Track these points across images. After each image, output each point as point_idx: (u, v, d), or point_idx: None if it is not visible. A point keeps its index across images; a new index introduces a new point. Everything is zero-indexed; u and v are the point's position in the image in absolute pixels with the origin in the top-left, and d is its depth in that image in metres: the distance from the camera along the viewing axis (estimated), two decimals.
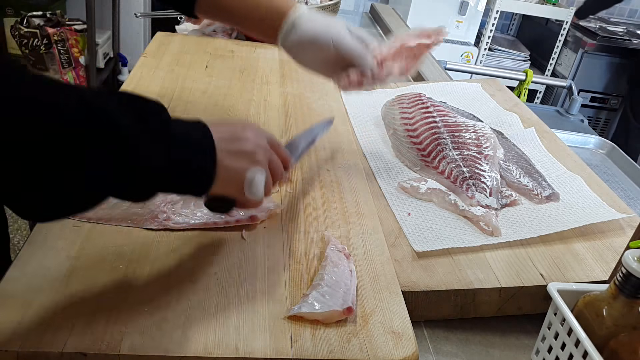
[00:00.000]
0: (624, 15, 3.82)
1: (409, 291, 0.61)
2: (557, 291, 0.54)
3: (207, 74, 1.06)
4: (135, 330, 0.49)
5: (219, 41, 1.28)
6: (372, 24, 1.96)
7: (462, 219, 0.74)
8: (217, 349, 0.49)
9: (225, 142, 0.53)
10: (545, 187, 0.81)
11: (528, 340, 0.63)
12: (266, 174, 0.56)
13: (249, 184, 0.54)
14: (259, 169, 0.55)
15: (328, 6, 1.35)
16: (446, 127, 0.88)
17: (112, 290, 0.53)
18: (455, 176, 0.80)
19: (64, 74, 2.65)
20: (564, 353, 0.52)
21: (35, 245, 0.57)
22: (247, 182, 0.54)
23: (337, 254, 0.61)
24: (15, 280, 0.53)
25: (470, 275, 0.64)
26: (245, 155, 0.55)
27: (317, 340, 0.51)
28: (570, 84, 1.90)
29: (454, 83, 1.22)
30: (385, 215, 0.74)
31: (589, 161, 1.43)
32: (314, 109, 0.99)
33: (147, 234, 0.62)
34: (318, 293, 0.55)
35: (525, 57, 3.44)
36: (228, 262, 0.59)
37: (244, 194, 0.55)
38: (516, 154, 0.90)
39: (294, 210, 0.70)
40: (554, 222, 0.74)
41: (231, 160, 0.53)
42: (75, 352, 0.46)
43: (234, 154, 0.54)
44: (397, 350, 0.51)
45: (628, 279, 0.47)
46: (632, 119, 3.05)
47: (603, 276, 0.66)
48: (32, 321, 0.49)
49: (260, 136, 0.57)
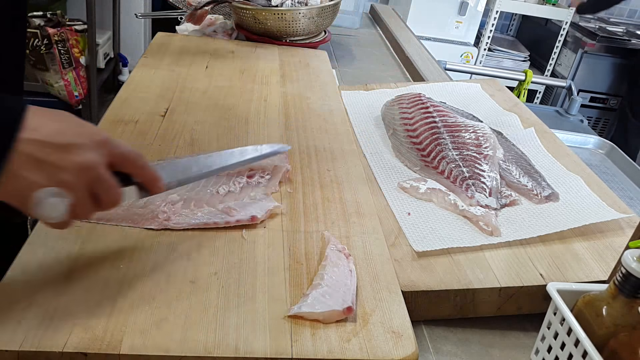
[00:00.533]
0: (624, 15, 3.82)
1: (408, 291, 0.61)
2: (556, 291, 0.54)
3: (207, 74, 1.07)
4: (135, 330, 0.49)
5: (219, 41, 1.28)
6: (372, 24, 1.96)
7: (462, 219, 0.74)
8: (217, 349, 0.49)
9: (38, 145, 0.44)
10: (544, 187, 0.82)
11: (528, 340, 0.63)
12: (73, 198, 0.46)
13: (37, 205, 0.45)
14: (58, 191, 0.45)
15: (328, 6, 1.35)
16: (446, 127, 0.89)
17: (112, 290, 0.53)
18: (455, 176, 0.80)
19: (65, 74, 2.65)
20: (563, 353, 0.52)
21: (35, 245, 0.57)
22: (35, 202, 0.45)
23: (337, 254, 0.61)
24: (15, 280, 0.53)
25: (470, 275, 0.64)
26: (49, 169, 0.44)
27: (317, 340, 0.51)
28: (569, 84, 1.90)
29: (453, 83, 1.23)
30: (385, 215, 0.74)
31: (588, 161, 1.43)
32: (314, 109, 0.99)
33: (147, 234, 0.62)
34: (318, 293, 0.55)
35: (525, 57, 3.44)
36: (228, 262, 0.59)
37: (32, 211, 0.45)
38: (516, 154, 0.90)
39: (294, 210, 0.70)
40: (553, 222, 0.74)
41: (26, 170, 0.44)
42: (76, 352, 0.47)
43: (35, 163, 0.44)
44: (397, 350, 0.51)
45: (628, 279, 0.47)
46: (631, 117, 3.05)
47: (603, 276, 0.66)
48: (32, 321, 0.49)
49: (94, 153, 0.47)
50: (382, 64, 1.53)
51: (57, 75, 2.64)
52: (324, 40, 1.44)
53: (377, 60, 1.56)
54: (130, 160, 0.51)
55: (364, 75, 1.41)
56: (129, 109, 0.88)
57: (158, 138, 0.81)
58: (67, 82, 2.68)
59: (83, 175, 0.46)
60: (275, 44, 1.32)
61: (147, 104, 0.90)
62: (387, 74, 1.45)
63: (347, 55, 1.55)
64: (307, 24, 1.33)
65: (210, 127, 0.87)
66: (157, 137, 0.81)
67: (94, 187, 0.47)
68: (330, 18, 1.39)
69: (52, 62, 2.60)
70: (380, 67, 1.50)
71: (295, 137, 0.88)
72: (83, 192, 0.47)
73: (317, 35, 1.43)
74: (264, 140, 0.86)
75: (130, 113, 0.87)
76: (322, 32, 1.45)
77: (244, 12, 1.32)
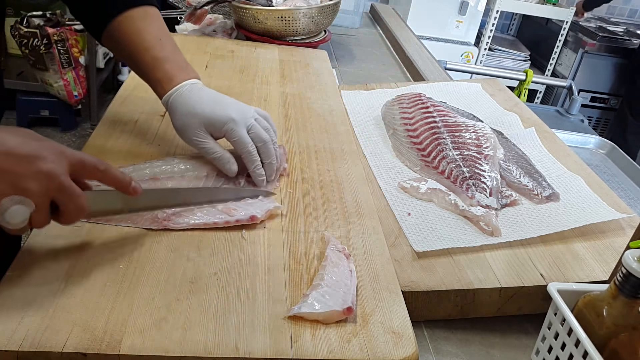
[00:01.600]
0: (624, 15, 3.82)
1: (409, 291, 0.60)
2: (557, 291, 0.54)
3: (207, 74, 1.06)
4: (135, 331, 0.49)
5: (219, 41, 1.28)
6: (372, 24, 1.96)
7: (462, 219, 0.74)
8: (217, 349, 0.49)
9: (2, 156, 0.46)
10: (545, 187, 0.81)
11: (528, 340, 0.63)
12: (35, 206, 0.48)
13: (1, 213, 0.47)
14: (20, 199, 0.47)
15: (328, 6, 1.35)
16: (446, 127, 0.88)
17: (112, 290, 0.53)
18: (455, 176, 0.80)
19: (64, 73, 2.65)
20: (564, 353, 0.52)
21: (35, 245, 0.57)
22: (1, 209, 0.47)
23: (337, 254, 0.61)
24: (15, 280, 0.53)
25: (470, 275, 0.64)
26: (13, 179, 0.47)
27: (317, 340, 0.51)
28: (570, 84, 1.90)
29: (454, 83, 1.23)
30: (385, 215, 0.74)
31: (589, 161, 1.43)
32: (314, 109, 0.99)
33: (147, 234, 0.62)
34: (318, 293, 0.55)
35: (525, 57, 3.44)
36: (228, 262, 0.59)
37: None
38: (516, 154, 0.90)
39: (294, 210, 0.70)
40: (554, 222, 0.74)
41: None
42: (75, 352, 0.46)
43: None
44: (397, 350, 0.51)
45: (628, 279, 0.47)
46: (630, 116, 3.05)
47: (603, 276, 0.66)
48: (32, 321, 0.49)
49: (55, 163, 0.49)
50: (382, 63, 1.53)
51: (57, 75, 2.64)
52: (324, 40, 1.44)
53: (377, 60, 1.56)
54: (91, 166, 0.53)
55: (364, 75, 1.41)
56: (128, 109, 0.88)
57: (158, 138, 0.81)
58: (66, 81, 2.68)
59: (46, 184, 0.48)
60: (275, 44, 1.32)
61: (147, 103, 0.90)
62: (387, 73, 1.45)
63: (347, 55, 1.55)
64: (307, 23, 1.33)
65: None
66: (156, 137, 0.81)
67: (58, 195, 0.49)
68: (330, 17, 1.38)
69: (51, 62, 2.59)
70: (381, 67, 1.49)
71: (295, 137, 0.88)
72: (45, 200, 0.49)
73: (317, 35, 1.43)
74: None
75: (129, 113, 0.86)
76: (322, 31, 1.45)
77: (243, 12, 1.32)
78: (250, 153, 0.70)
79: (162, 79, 0.72)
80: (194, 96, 0.71)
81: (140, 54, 0.73)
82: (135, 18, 0.74)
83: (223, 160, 0.70)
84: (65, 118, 2.84)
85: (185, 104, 0.70)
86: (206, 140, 0.70)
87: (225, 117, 0.69)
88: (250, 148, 0.70)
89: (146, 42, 0.73)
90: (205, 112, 0.70)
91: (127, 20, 0.74)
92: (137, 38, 0.73)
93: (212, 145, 0.71)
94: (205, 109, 0.70)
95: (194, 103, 0.70)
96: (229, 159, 0.70)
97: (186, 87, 0.72)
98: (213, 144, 0.71)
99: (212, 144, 0.71)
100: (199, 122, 0.70)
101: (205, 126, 0.70)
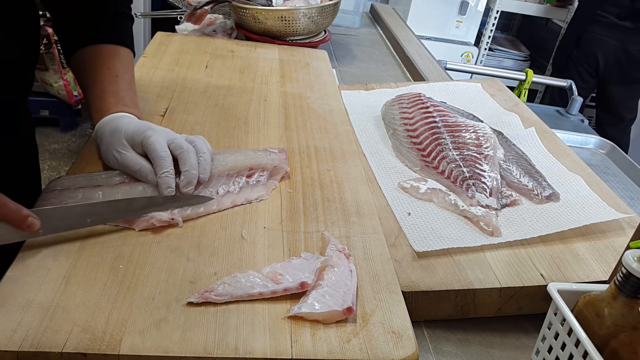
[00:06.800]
0: None
1: (409, 291, 0.61)
2: (557, 291, 0.54)
3: (207, 74, 1.06)
4: (135, 331, 0.49)
5: (219, 41, 1.28)
6: (372, 24, 1.96)
7: (462, 219, 0.74)
8: (217, 349, 0.49)
9: None
10: (545, 187, 0.81)
11: (528, 340, 0.63)
12: None
13: None
14: None
15: (328, 6, 1.35)
16: (446, 127, 0.88)
17: (112, 290, 0.53)
18: (455, 176, 0.80)
19: (64, 73, 2.65)
20: (564, 353, 0.52)
21: (35, 246, 0.57)
22: None
23: (337, 254, 0.61)
24: (15, 280, 0.53)
25: (470, 275, 0.64)
26: None
27: (317, 340, 0.51)
28: (570, 84, 1.90)
29: (454, 83, 1.22)
30: (385, 215, 0.74)
31: (589, 161, 1.43)
32: (314, 109, 0.99)
33: (147, 234, 0.62)
34: (318, 293, 0.55)
35: (525, 57, 3.44)
36: (228, 262, 0.59)
37: None
38: (516, 154, 0.90)
39: (294, 210, 0.70)
40: (554, 222, 0.74)
41: None
42: (75, 352, 0.46)
43: None
44: (397, 350, 0.51)
45: (628, 279, 0.47)
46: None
47: (603, 276, 0.66)
48: (32, 321, 0.49)
49: None
50: (382, 63, 1.53)
51: (57, 75, 2.64)
52: (324, 40, 1.44)
53: (377, 60, 1.56)
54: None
55: (364, 75, 1.41)
56: None
57: None
58: (66, 81, 2.68)
59: None
60: (275, 44, 1.31)
61: (147, 103, 0.90)
62: (387, 73, 1.45)
63: (347, 55, 1.55)
64: (307, 23, 1.33)
65: (210, 127, 0.87)
66: None
67: None
68: (330, 17, 1.38)
69: (51, 62, 2.59)
70: (381, 67, 1.49)
71: (295, 137, 0.88)
72: None
73: (317, 35, 1.43)
74: (263, 140, 0.85)
75: None
76: (322, 31, 1.45)
77: (243, 12, 1.32)
78: (162, 158, 0.65)
79: (100, 109, 0.73)
80: (123, 120, 0.70)
81: (93, 85, 0.75)
82: (103, 53, 0.77)
83: (143, 173, 0.66)
84: (65, 118, 2.84)
85: (111, 126, 0.70)
86: (127, 152, 0.67)
87: (144, 127, 0.68)
88: (161, 153, 0.66)
89: (101, 76, 0.75)
90: (128, 128, 0.68)
91: (95, 53, 0.77)
92: (94, 71, 0.76)
93: (132, 156, 0.67)
94: (129, 126, 0.68)
95: (119, 124, 0.69)
96: (149, 170, 0.66)
97: (118, 115, 0.71)
98: (133, 155, 0.67)
99: (133, 155, 0.67)
100: (120, 137, 0.68)
101: (127, 139, 0.68)
